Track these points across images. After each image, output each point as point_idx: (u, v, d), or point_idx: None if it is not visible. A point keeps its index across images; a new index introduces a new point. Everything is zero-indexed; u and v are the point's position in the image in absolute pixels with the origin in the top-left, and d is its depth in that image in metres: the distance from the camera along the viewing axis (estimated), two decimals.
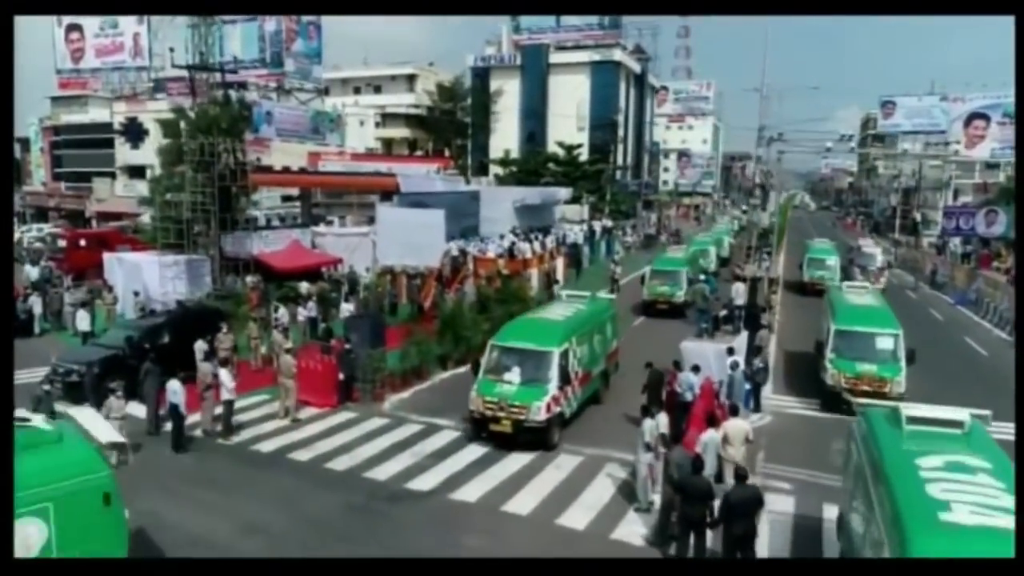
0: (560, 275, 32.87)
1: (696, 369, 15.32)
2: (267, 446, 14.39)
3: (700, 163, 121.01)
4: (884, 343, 17.15)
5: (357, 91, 77.04)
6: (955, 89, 79.22)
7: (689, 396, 14.86)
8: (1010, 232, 46.79)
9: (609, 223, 52.13)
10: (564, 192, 48.55)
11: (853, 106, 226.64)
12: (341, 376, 16.70)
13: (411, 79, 75.59)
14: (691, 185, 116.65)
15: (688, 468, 10.78)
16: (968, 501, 7.37)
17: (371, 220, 41.96)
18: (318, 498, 12.04)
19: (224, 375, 14.49)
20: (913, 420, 9.04)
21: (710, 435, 11.76)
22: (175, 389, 13.78)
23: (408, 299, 28.21)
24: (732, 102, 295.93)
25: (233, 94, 37.40)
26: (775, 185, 31.75)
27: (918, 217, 64.97)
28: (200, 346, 17.31)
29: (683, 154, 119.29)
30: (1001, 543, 6.63)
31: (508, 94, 68.41)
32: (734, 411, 12.45)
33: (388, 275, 29.98)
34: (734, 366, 15.39)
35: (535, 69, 68.72)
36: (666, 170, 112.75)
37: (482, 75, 71.03)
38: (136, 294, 24.44)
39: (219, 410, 15.05)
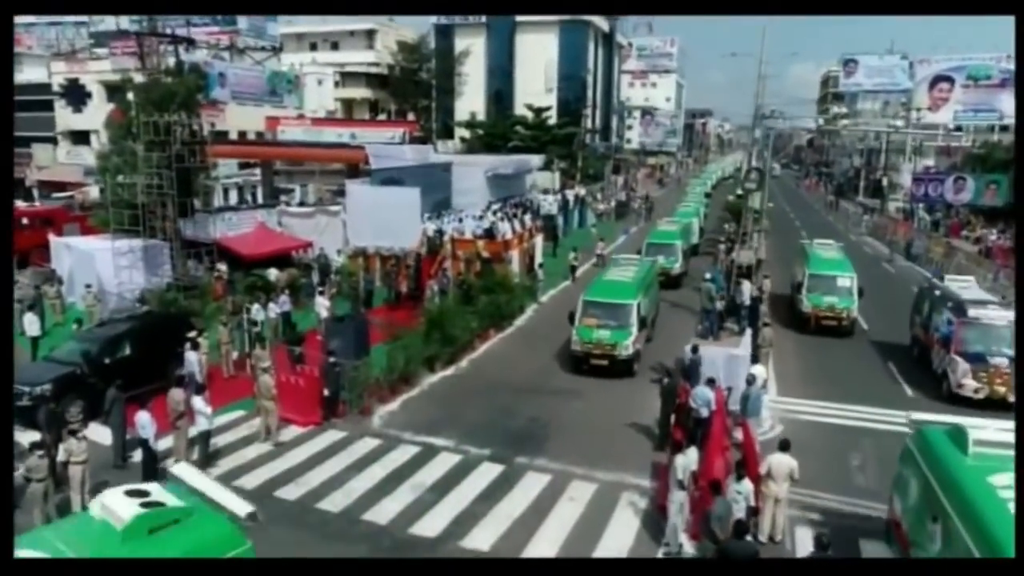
0: (539, 255, 31.67)
1: (711, 382, 14.42)
2: (250, 480, 13.03)
3: (664, 122, 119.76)
4: None
5: (313, 47, 73.63)
6: (918, 52, 79.30)
7: (705, 412, 13.95)
8: (978, 200, 47.15)
9: (582, 191, 50.85)
10: (537, 160, 47.02)
11: (809, 62, 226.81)
12: (326, 392, 15.35)
13: (371, 35, 72.31)
14: (656, 144, 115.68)
15: (729, 522, 9.87)
16: None
17: (339, 192, 40.02)
18: (314, 552, 10.78)
19: (199, 403, 13.01)
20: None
21: (746, 486, 10.75)
22: (144, 423, 12.29)
23: (384, 284, 26.77)
24: (693, 57, 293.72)
25: (184, 54, 34.81)
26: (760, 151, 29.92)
27: (885, 182, 65.05)
28: (193, 359, 16.02)
29: (647, 112, 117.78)
30: None
31: (474, 55, 65.88)
32: (783, 446, 11.43)
33: (361, 257, 28.49)
34: (751, 379, 14.48)
35: (502, 27, 66.27)
36: (629, 128, 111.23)
37: (446, 33, 68.24)
38: (88, 287, 22.43)
39: (193, 431, 13.63)
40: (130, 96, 27.94)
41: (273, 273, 25.11)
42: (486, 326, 22.14)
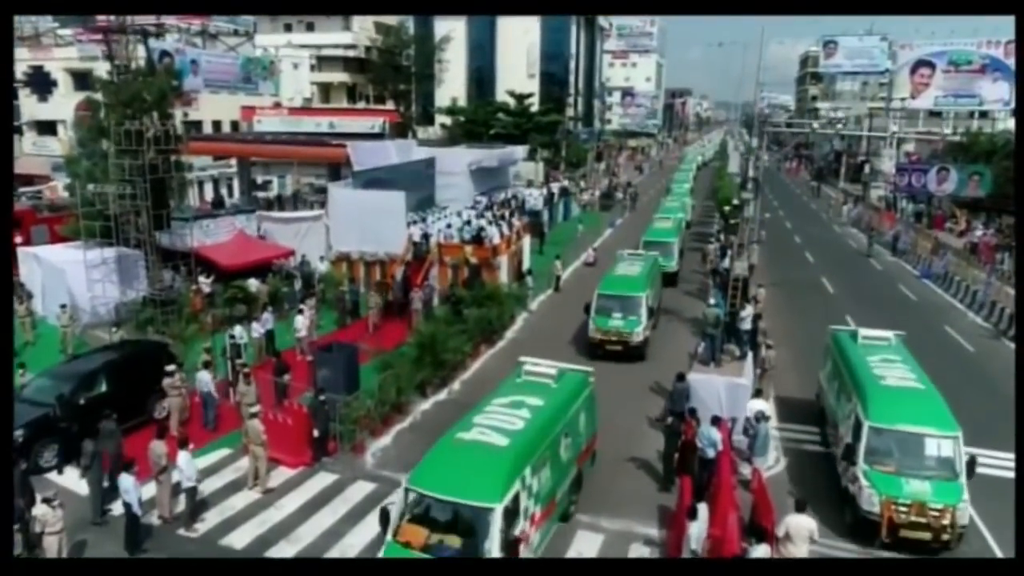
0: (527, 258, 30.99)
1: (716, 420, 13.91)
2: (240, 537, 12.34)
3: (644, 102, 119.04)
4: None
5: (288, 28, 71.71)
6: (896, 32, 79.31)
7: (711, 453, 13.50)
8: (961, 191, 47.04)
9: (567, 182, 50.15)
10: (520, 151, 46.25)
11: (787, 37, 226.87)
12: (316, 432, 14.66)
13: (347, 15, 70.46)
14: (636, 126, 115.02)
15: None
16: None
17: (320, 189, 39.00)
18: None
19: (184, 460, 12.24)
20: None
21: (763, 551, 10.28)
22: (127, 488, 11.50)
23: (377, 292, 25.82)
24: (672, 33, 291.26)
25: (154, 42, 33.37)
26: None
27: (867, 169, 65.01)
28: (206, 378, 15.90)
29: (627, 93, 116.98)
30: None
31: (455, 40, 64.43)
32: (800, 507, 10.98)
33: (345, 263, 27.73)
34: (759, 417, 14.04)
35: None
36: (609, 108, 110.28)
37: (425, 17, 66.62)
38: (63, 306, 21.37)
39: (176, 477, 12.85)
40: (99, 96, 26.74)
41: (253, 284, 24.20)
42: (477, 342, 21.51)
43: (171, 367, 15.86)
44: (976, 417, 17.57)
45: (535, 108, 60.40)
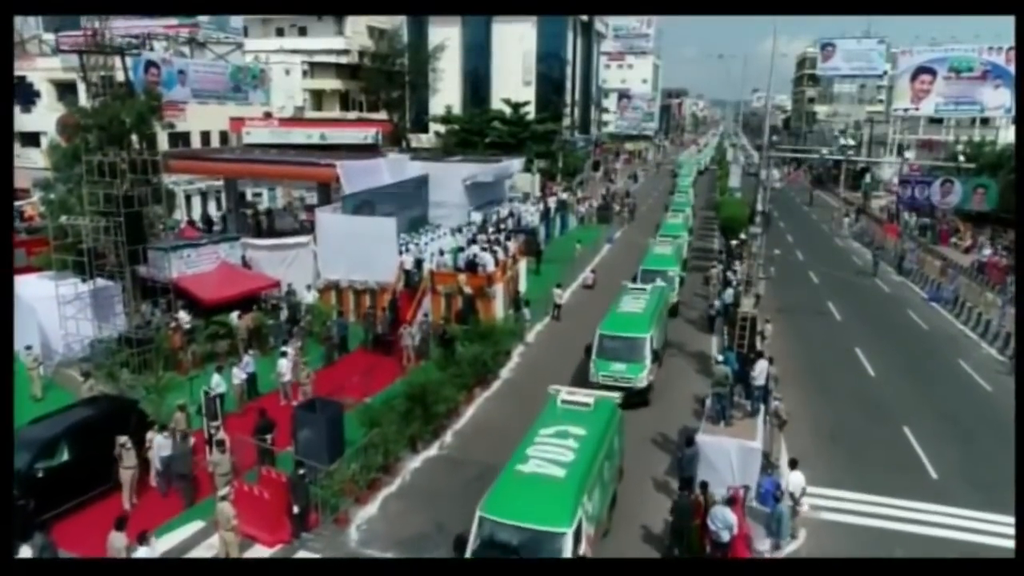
0: (523, 282, 29.84)
1: (731, 503, 12.79)
2: None
3: (641, 104, 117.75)
4: None
5: (280, 33, 70.45)
6: (891, 31, 79.03)
7: (726, 536, 12.41)
8: (966, 204, 45.99)
9: (564, 196, 49.00)
10: (517, 164, 45.00)
11: (782, 35, 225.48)
12: (295, 509, 13.50)
13: (340, 18, 69.18)
14: (633, 129, 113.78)
15: None
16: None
17: (309, 207, 37.78)
18: None
19: (144, 557, 11.10)
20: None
21: None
22: None
23: (365, 325, 24.67)
24: (667, 32, 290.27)
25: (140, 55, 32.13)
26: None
27: (868, 178, 63.98)
28: (162, 443, 14.67)
29: (624, 95, 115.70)
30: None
31: (449, 47, 63.18)
32: None
33: (333, 292, 26.62)
34: (779, 497, 12.93)
35: (477, 17, 63.54)
36: (606, 110, 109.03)
37: (419, 22, 65.40)
38: (28, 348, 20.16)
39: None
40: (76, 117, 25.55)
41: (234, 319, 22.97)
42: (471, 385, 20.36)
43: (122, 438, 14.44)
44: (996, 475, 16.47)
45: (531, 116, 59.27)
